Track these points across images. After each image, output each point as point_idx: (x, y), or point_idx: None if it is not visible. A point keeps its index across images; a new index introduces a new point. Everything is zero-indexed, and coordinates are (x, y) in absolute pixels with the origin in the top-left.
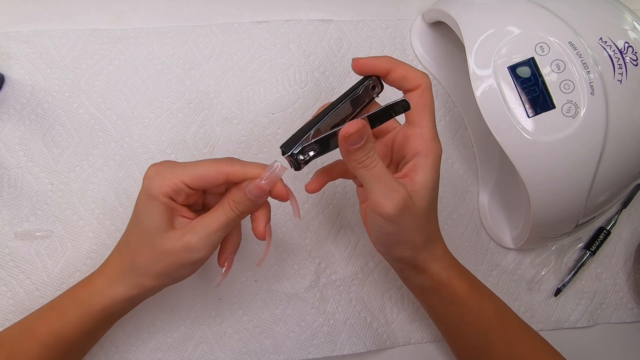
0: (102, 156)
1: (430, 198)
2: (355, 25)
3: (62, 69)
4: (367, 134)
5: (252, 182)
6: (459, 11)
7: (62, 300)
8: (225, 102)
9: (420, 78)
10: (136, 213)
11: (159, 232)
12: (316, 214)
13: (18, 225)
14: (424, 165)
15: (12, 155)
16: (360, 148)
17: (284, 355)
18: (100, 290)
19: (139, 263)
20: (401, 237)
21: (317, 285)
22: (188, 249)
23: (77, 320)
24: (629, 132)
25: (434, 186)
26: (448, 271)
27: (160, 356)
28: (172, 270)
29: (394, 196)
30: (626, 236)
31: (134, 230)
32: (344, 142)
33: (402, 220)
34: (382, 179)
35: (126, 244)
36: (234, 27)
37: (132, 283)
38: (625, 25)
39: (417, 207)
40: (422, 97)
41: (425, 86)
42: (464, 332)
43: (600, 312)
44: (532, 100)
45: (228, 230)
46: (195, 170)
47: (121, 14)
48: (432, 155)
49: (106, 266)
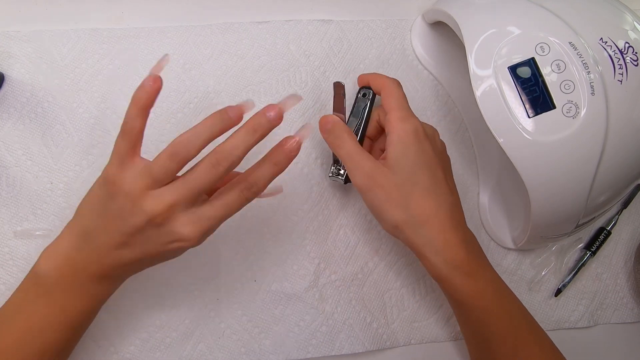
0: (102, 155)
1: (404, 172)
2: (356, 25)
3: (62, 69)
4: (332, 122)
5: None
6: (459, 11)
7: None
8: (225, 102)
9: (386, 80)
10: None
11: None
12: (316, 214)
13: (17, 224)
14: (389, 142)
15: (12, 154)
16: (328, 132)
17: (283, 355)
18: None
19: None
20: (375, 210)
21: (317, 286)
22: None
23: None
24: (629, 132)
25: (405, 161)
26: (450, 268)
27: (159, 356)
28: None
29: (359, 172)
30: (626, 236)
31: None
32: (320, 131)
33: (372, 195)
34: (352, 156)
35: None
36: (234, 27)
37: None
38: (626, 25)
39: (388, 181)
40: (387, 90)
41: (389, 83)
42: (466, 329)
43: (600, 313)
44: (532, 101)
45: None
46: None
47: (121, 13)
48: (395, 132)
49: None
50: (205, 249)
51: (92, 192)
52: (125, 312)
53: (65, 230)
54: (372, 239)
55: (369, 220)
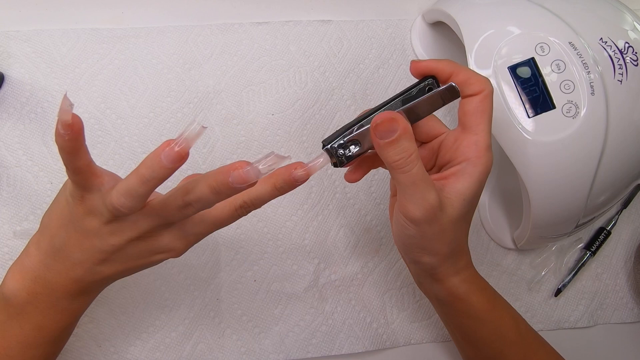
0: (102, 156)
1: (464, 210)
2: (355, 25)
3: (62, 68)
4: (402, 129)
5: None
6: (459, 11)
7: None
8: (225, 103)
9: (484, 83)
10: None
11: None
12: (316, 214)
13: (17, 224)
14: (469, 174)
15: (12, 154)
16: (392, 144)
17: (283, 355)
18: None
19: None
20: (424, 243)
21: (316, 285)
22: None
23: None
24: (629, 132)
25: (471, 199)
26: (467, 285)
27: (159, 356)
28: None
29: (422, 203)
30: (626, 236)
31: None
32: (373, 133)
33: (427, 228)
34: (416, 184)
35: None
36: (234, 27)
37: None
38: (626, 26)
39: (447, 217)
40: (483, 102)
41: (487, 92)
42: (478, 343)
43: (600, 313)
44: (532, 101)
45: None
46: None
47: (121, 13)
48: (481, 166)
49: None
50: (205, 249)
51: (59, 207)
52: (125, 312)
53: (31, 247)
54: (372, 239)
55: (369, 220)
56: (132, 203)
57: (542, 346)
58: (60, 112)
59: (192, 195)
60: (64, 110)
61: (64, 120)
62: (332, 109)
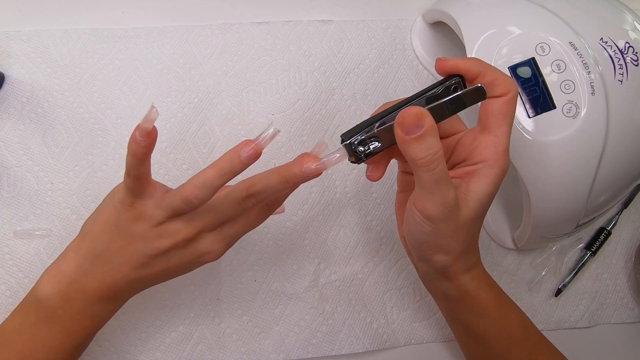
0: (102, 155)
1: (479, 211)
2: (356, 25)
3: (62, 68)
4: (429, 125)
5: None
6: (459, 11)
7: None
8: (225, 102)
9: (511, 85)
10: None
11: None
12: (316, 214)
13: (17, 224)
14: (486, 175)
15: (12, 154)
16: (418, 140)
17: (283, 355)
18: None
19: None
20: (438, 240)
21: (317, 285)
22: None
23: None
24: (629, 132)
25: (486, 200)
26: (477, 282)
27: (159, 356)
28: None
29: (442, 201)
30: (627, 236)
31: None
32: (398, 128)
33: (443, 226)
34: (439, 182)
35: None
36: (234, 27)
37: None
38: (626, 26)
39: (462, 217)
40: (507, 105)
41: (513, 94)
42: (485, 340)
43: (600, 313)
44: (532, 101)
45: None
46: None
47: (121, 13)
48: (498, 168)
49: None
50: None
51: (104, 214)
52: (125, 312)
53: (69, 252)
54: (372, 239)
55: (369, 220)
56: (205, 194)
57: (546, 345)
58: (145, 120)
59: (258, 186)
60: (148, 119)
61: (145, 128)
62: (333, 109)
